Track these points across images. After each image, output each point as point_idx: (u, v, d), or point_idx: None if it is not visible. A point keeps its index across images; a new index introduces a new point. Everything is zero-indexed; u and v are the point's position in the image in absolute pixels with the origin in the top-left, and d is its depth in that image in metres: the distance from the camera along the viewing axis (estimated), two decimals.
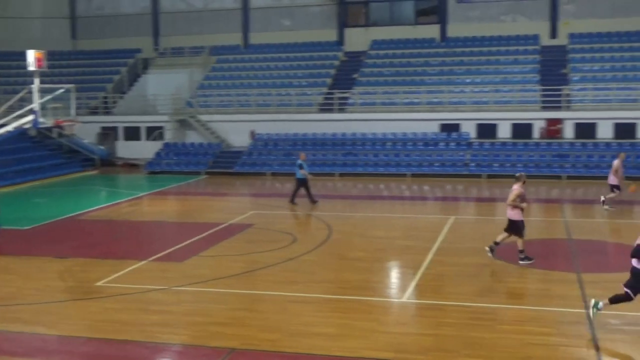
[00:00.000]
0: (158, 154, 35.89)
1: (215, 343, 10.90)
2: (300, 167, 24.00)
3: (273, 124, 35.87)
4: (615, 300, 11.03)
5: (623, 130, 31.78)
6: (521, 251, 15.27)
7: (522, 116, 33.24)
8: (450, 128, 33.79)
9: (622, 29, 37.36)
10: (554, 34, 38.67)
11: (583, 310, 12.01)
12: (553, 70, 36.56)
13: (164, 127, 37.62)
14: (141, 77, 42.69)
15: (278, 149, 34.66)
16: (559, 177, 29.84)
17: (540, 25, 38.94)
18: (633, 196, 22.51)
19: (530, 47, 38.17)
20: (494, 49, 38.40)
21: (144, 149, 36.83)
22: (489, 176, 30.66)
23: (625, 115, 32.10)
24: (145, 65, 43.92)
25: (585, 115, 32.73)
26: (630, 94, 33.25)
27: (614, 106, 32.80)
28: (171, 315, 12.33)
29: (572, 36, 38.07)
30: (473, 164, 31.51)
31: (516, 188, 15.39)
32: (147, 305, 12.92)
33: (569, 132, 32.62)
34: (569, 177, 29.78)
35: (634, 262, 10.65)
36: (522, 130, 32.98)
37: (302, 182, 24.06)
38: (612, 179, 22.31)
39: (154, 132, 37.59)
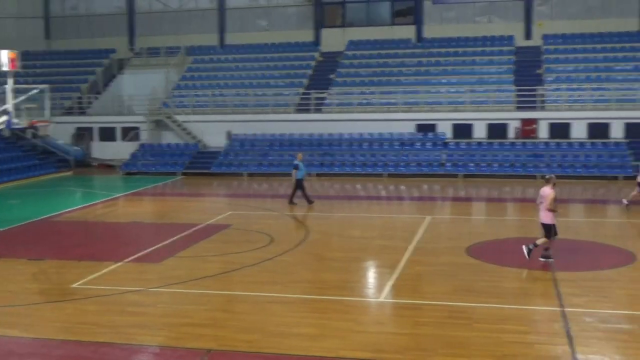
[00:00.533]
0: (134, 155, 35.66)
1: (192, 344, 10.85)
2: (295, 167, 23.89)
3: (250, 125, 35.81)
4: None
5: (596, 130, 32.17)
6: (546, 249, 15.34)
7: (497, 116, 33.52)
8: (426, 128, 33.97)
9: (595, 30, 37.84)
10: (528, 35, 39.07)
11: (558, 309, 12.15)
12: (528, 70, 36.90)
13: (140, 127, 37.39)
14: (116, 78, 42.43)
15: (255, 150, 34.60)
16: (533, 177, 30.11)
17: (515, 27, 39.31)
18: (605, 195, 22.73)
19: (505, 48, 38.49)
20: (469, 49, 38.67)
21: (120, 150, 36.58)
22: (465, 176, 30.88)
23: (599, 115, 32.51)
24: (121, 65, 43.63)
25: (559, 116, 33.13)
26: (604, 95, 33.67)
27: (588, 106, 33.20)
28: (148, 317, 12.26)
29: (546, 37, 38.47)
30: (449, 164, 31.70)
31: (550, 191, 15.19)
32: (123, 307, 12.82)
33: (543, 132, 32.94)
34: (544, 177, 29.99)
35: None
36: (497, 130, 33.27)
37: (299, 182, 23.97)
38: None
39: (129, 133, 37.34)
